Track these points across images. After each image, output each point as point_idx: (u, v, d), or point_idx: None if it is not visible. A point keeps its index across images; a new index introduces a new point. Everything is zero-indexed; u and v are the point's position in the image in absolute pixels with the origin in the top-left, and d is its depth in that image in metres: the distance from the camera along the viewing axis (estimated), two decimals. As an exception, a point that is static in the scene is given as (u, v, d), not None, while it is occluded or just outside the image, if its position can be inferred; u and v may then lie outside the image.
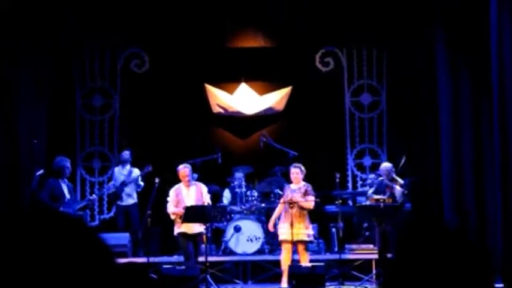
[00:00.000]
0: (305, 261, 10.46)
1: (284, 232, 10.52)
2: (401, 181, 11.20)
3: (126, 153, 12.94)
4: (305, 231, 10.55)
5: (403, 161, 11.18)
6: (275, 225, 10.90)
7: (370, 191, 11.66)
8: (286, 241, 10.50)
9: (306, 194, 10.62)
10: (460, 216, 11.01)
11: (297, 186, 10.71)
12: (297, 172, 10.75)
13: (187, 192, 10.72)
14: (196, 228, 10.63)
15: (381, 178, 11.55)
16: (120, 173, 12.92)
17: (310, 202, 10.60)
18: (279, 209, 10.86)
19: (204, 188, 10.95)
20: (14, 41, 11.11)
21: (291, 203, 10.49)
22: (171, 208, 10.63)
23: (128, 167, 12.92)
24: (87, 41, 13.78)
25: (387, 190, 11.04)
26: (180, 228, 10.57)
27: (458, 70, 11.25)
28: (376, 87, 14.39)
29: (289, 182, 11.03)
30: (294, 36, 13.90)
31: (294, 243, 10.48)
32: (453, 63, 11.33)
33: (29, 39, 11.74)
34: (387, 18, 13.31)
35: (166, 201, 10.72)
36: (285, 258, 10.55)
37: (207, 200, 10.78)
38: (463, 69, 11.15)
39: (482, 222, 10.71)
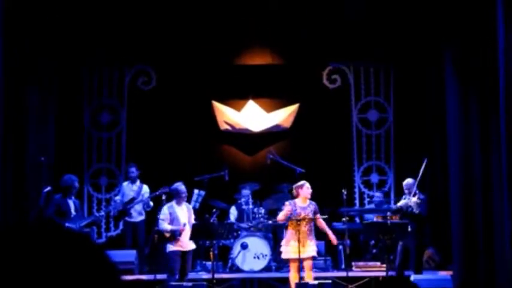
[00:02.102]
0: (311, 278, 10.40)
1: (293, 250, 10.36)
2: (421, 196, 11.17)
3: (133, 171, 12.87)
4: (314, 247, 10.49)
5: (424, 164, 11.14)
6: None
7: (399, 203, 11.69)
8: (294, 259, 10.41)
9: (316, 213, 10.56)
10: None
11: (306, 204, 10.62)
12: (310, 188, 10.70)
13: (181, 211, 10.77)
14: (190, 245, 10.68)
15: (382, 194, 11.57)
16: (130, 189, 12.89)
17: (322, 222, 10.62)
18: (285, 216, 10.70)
19: (191, 208, 11.09)
20: (21, 57, 11.14)
21: (300, 220, 10.39)
22: (166, 225, 10.63)
23: (138, 183, 12.89)
24: (95, 58, 13.82)
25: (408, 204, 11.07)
26: (175, 246, 10.59)
27: (466, 87, 11.23)
28: (383, 104, 14.40)
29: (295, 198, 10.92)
30: (301, 54, 13.93)
31: (302, 260, 10.39)
32: (461, 80, 11.31)
33: (37, 56, 11.78)
34: (394, 35, 13.34)
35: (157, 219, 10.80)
36: (294, 276, 10.47)
37: (193, 219, 10.83)
38: (471, 86, 11.13)
39: (490, 239, 10.66)
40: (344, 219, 11.84)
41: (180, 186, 10.81)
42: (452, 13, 11.35)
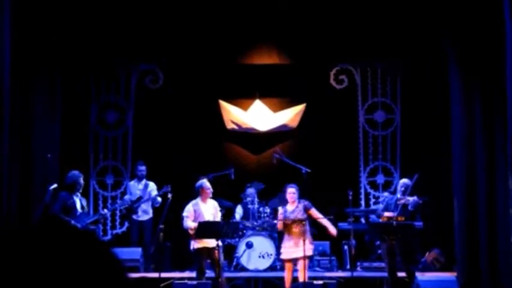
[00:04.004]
0: (303, 277, 10.33)
1: (285, 252, 10.47)
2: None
3: (143, 169, 12.95)
4: (308, 247, 10.38)
5: (415, 178, 11.08)
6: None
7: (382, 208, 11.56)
8: (287, 260, 10.47)
9: (307, 209, 10.51)
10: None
11: (294, 207, 10.57)
12: (293, 192, 10.65)
13: (206, 207, 10.65)
14: (213, 242, 10.52)
15: (390, 195, 11.49)
16: (136, 188, 12.93)
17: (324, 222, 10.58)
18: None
19: (217, 204, 10.93)
20: (28, 56, 11.15)
21: (292, 223, 10.42)
22: (190, 223, 10.48)
23: (144, 181, 12.94)
24: (102, 57, 13.84)
25: (399, 204, 10.91)
26: (199, 243, 10.47)
27: (471, 88, 11.21)
28: (390, 104, 14.38)
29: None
30: (309, 54, 13.92)
31: (296, 261, 10.40)
32: (466, 81, 11.29)
33: (43, 55, 11.79)
34: (401, 36, 13.32)
35: (180, 217, 10.66)
36: (288, 277, 10.51)
37: (219, 216, 10.74)
38: (477, 87, 11.11)
39: (493, 239, 10.64)
40: (349, 219, 11.80)
41: (205, 182, 10.72)
42: (458, 11, 11.33)
